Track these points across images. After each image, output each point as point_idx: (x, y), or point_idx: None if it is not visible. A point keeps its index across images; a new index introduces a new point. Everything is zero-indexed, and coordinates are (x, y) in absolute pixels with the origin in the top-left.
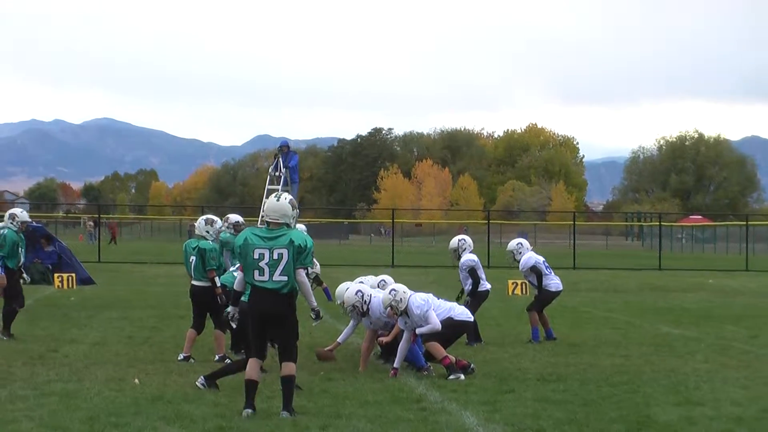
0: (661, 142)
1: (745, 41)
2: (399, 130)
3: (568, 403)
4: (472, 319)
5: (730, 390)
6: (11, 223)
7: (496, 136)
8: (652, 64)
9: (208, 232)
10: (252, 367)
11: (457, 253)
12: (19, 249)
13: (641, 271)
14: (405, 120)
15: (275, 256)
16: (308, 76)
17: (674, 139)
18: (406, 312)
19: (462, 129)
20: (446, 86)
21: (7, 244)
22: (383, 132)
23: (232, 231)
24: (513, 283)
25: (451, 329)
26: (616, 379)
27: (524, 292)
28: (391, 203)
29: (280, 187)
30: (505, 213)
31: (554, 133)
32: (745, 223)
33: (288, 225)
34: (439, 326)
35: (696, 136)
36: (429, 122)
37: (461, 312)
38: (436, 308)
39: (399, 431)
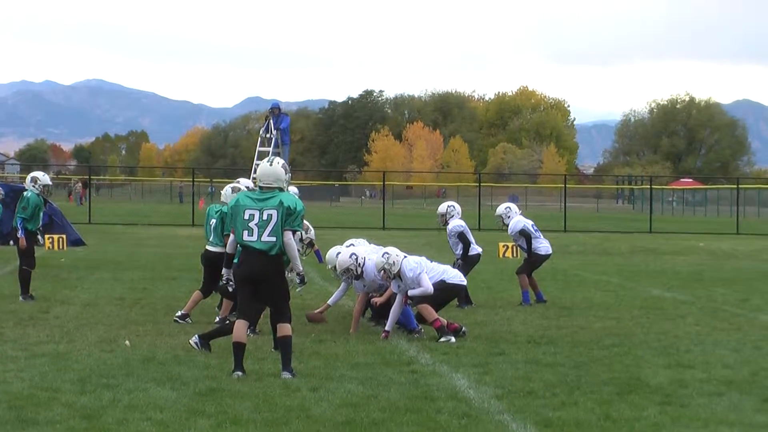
0: (653, 105)
1: (741, 3)
2: (390, 93)
3: (559, 366)
4: (464, 283)
5: (721, 353)
6: (33, 186)
7: (487, 98)
8: (646, 24)
9: None
10: (239, 328)
11: (445, 218)
12: (40, 212)
13: (632, 234)
14: (396, 82)
15: (264, 217)
16: (299, 38)
17: (665, 103)
18: (399, 275)
19: (453, 91)
20: (437, 48)
21: (30, 206)
22: (374, 94)
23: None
24: (504, 246)
25: (444, 292)
26: (607, 342)
27: (515, 255)
28: (382, 165)
29: (271, 149)
30: (496, 176)
31: (545, 96)
32: (735, 186)
33: (281, 189)
34: (431, 289)
35: (687, 99)
36: (420, 84)
37: (454, 275)
38: (428, 271)
39: (390, 393)
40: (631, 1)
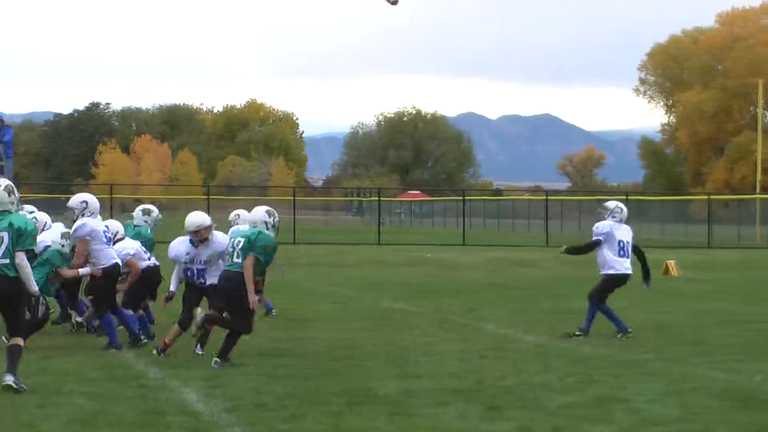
0: (380, 118)
1: (459, 21)
2: (117, 105)
3: (290, 378)
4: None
5: (449, 362)
6: None
7: (215, 111)
8: (371, 40)
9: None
10: None
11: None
12: None
13: (361, 246)
14: (123, 95)
15: None
16: (22, 48)
17: (392, 115)
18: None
19: (181, 104)
20: (165, 61)
21: None
22: (101, 106)
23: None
24: None
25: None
26: (337, 354)
27: None
28: (109, 178)
29: None
30: (226, 188)
31: (274, 109)
32: (461, 198)
33: (9, 211)
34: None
35: (414, 112)
36: (148, 97)
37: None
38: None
39: (119, 408)
40: (354, 17)
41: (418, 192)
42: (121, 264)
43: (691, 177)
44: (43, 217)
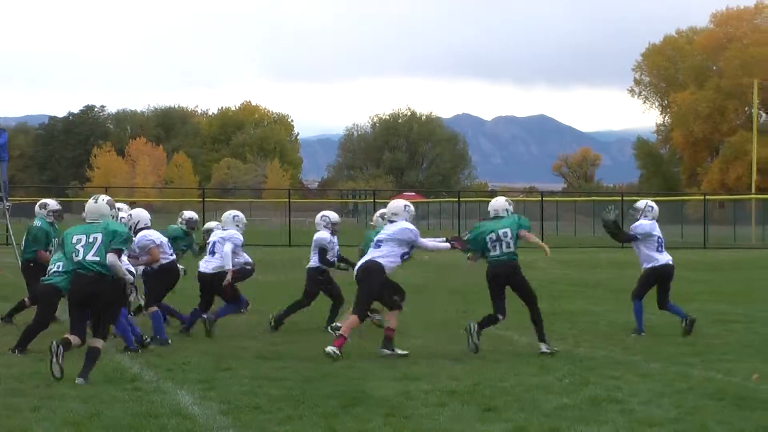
0: (375, 119)
1: (452, 19)
2: (112, 108)
3: (286, 380)
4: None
5: (447, 364)
6: None
7: (210, 113)
8: (364, 42)
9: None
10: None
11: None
12: None
13: (356, 248)
14: (118, 98)
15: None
16: (17, 52)
17: (387, 117)
18: None
19: (176, 106)
20: (159, 63)
21: None
22: (96, 109)
23: (184, 226)
24: None
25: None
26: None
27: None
28: (104, 182)
29: None
30: (221, 191)
31: (269, 111)
32: (457, 199)
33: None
34: None
35: (409, 113)
36: (143, 100)
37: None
38: None
39: (114, 411)
40: (349, 19)
41: (413, 193)
42: (134, 272)
43: (687, 177)
44: (138, 213)
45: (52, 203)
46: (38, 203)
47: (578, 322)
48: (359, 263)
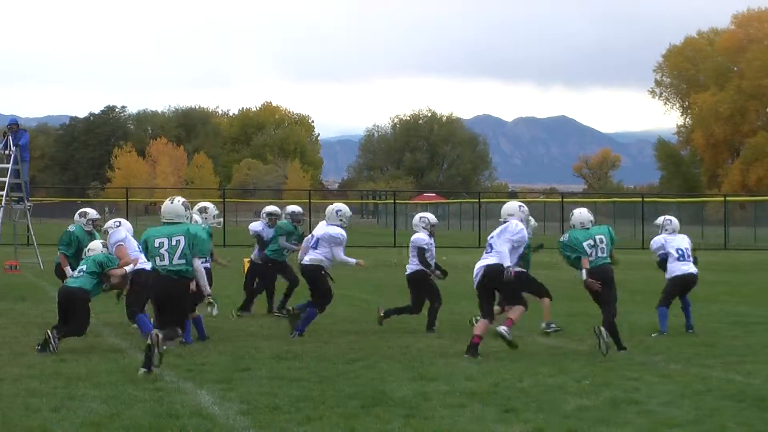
0: (395, 120)
1: (473, 19)
2: (133, 108)
3: (304, 381)
4: None
5: (464, 365)
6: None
7: (231, 114)
8: (385, 43)
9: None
10: None
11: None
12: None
13: (377, 249)
14: (139, 98)
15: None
16: (39, 52)
17: (408, 118)
18: None
19: (197, 107)
20: (180, 64)
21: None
22: (117, 110)
23: (289, 219)
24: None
25: None
26: (351, 356)
27: None
28: (125, 182)
29: (10, 165)
30: (241, 192)
31: (290, 112)
32: (477, 200)
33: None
34: None
35: (429, 114)
36: (163, 100)
37: None
38: None
39: (134, 411)
40: (368, 20)
41: (433, 194)
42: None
43: (707, 179)
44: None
45: (92, 212)
46: (78, 212)
47: (595, 324)
48: (480, 267)
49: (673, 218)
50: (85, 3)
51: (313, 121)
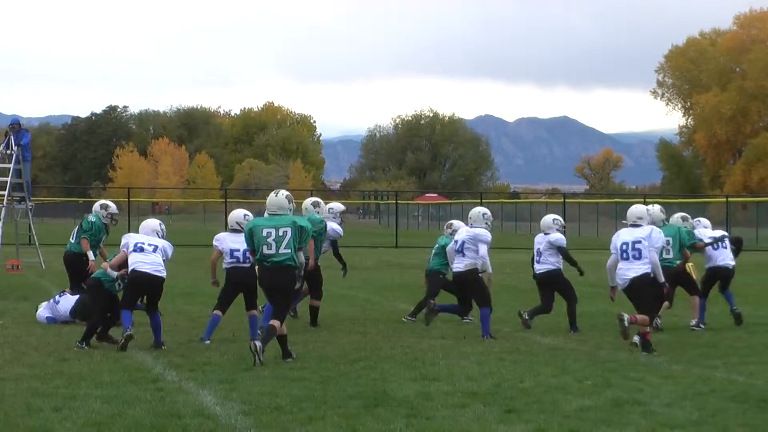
0: (397, 120)
1: (473, 19)
2: (135, 108)
3: (306, 381)
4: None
5: (466, 365)
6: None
7: (233, 114)
8: (383, 42)
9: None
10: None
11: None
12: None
13: (378, 249)
14: (141, 98)
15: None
16: (40, 52)
17: (410, 118)
18: None
19: (199, 107)
20: (182, 64)
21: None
22: (119, 110)
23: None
24: None
25: None
26: (353, 356)
27: None
28: (127, 182)
29: (12, 165)
30: (243, 192)
31: (291, 112)
32: (479, 200)
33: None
34: None
35: (431, 114)
36: (165, 100)
37: None
38: None
39: (136, 411)
40: (369, 20)
41: (435, 195)
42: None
43: (709, 179)
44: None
45: (113, 206)
46: (100, 203)
47: (598, 324)
48: (627, 277)
49: (691, 218)
50: (87, 3)
51: (315, 121)
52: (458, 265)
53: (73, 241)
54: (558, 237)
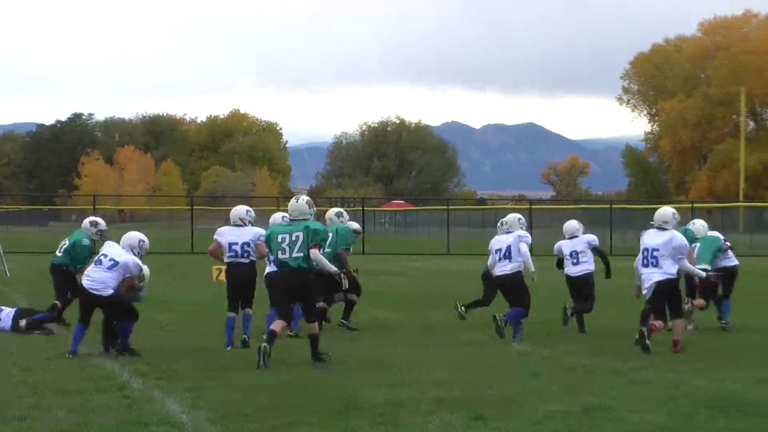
0: (364, 127)
1: (440, 26)
2: (100, 116)
3: (275, 388)
4: None
5: (435, 372)
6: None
7: (199, 121)
8: (349, 49)
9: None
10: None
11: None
12: None
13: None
14: (106, 105)
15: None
16: (3, 59)
17: (376, 125)
18: None
19: (164, 114)
20: (148, 71)
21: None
22: (83, 117)
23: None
24: (217, 270)
25: None
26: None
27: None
28: (92, 189)
29: None
30: (209, 199)
31: (258, 119)
32: (446, 207)
33: (307, 219)
34: None
35: (397, 121)
36: (131, 108)
37: None
38: None
39: (102, 419)
40: (336, 27)
41: (402, 201)
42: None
43: (675, 185)
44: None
45: (103, 223)
46: (90, 220)
47: (570, 330)
48: (651, 280)
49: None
50: (52, 11)
51: (281, 129)
52: (503, 268)
53: (59, 254)
54: (594, 236)
